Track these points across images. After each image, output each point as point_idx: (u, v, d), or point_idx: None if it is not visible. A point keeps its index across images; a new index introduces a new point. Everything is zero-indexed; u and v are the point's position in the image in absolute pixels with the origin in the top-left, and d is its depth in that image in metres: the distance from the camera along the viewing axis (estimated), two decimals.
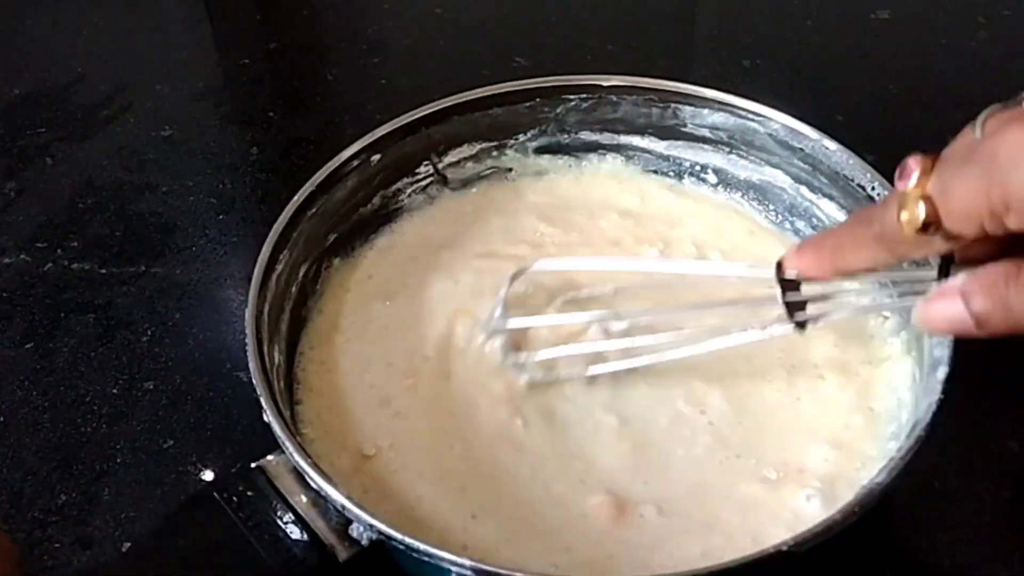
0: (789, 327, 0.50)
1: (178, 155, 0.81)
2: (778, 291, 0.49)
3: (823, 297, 0.50)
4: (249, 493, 0.48)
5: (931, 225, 0.40)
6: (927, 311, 0.44)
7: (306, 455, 0.47)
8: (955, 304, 0.42)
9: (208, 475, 0.59)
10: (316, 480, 0.46)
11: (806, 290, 0.49)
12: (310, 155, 0.80)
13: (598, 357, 0.56)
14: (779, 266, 0.49)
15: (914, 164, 0.41)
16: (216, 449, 0.60)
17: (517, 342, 0.57)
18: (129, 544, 0.56)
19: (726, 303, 0.55)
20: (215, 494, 0.47)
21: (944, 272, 0.44)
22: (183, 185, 0.78)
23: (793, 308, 0.49)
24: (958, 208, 0.39)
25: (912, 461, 0.46)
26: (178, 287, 0.70)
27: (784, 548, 0.43)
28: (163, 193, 0.77)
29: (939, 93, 0.83)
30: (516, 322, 0.56)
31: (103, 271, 0.72)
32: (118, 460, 0.60)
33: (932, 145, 0.42)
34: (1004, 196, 0.37)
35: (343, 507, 0.46)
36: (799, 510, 0.51)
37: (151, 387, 0.64)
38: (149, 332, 0.67)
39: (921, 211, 0.40)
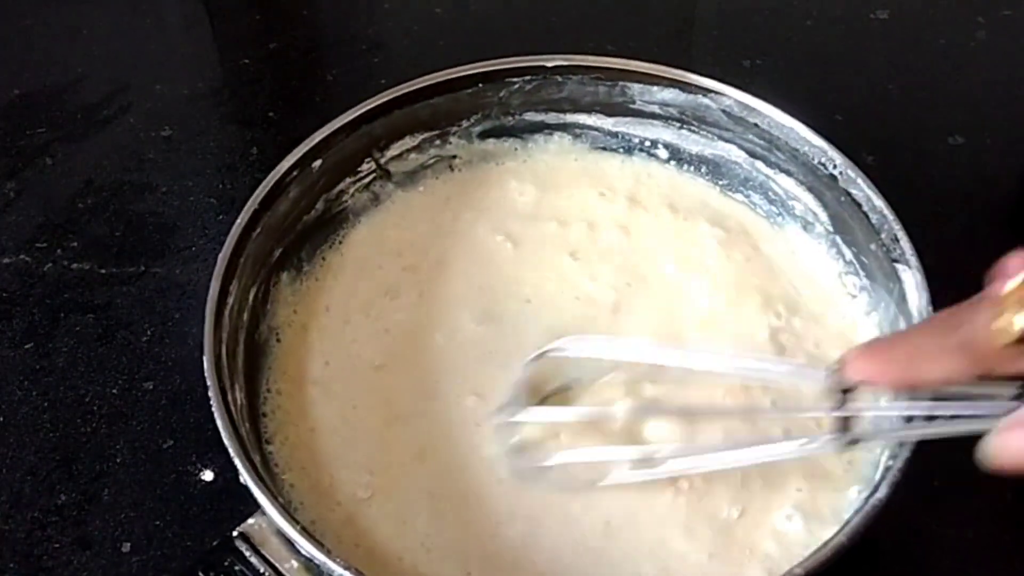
0: (839, 442, 0.45)
1: (178, 155, 0.81)
2: (833, 401, 0.44)
3: (872, 409, 0.45)
4: (236, 567, 0.45)
5: None
6: (1002, 442, 0.38)
7: (293, 520, 0.44)
8: None
9: (208, 475, 0.59)
10: (307, 548, 0.43)
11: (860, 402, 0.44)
12: None
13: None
14: (837, 369, 0.44)
15: (1019, 263, 0.35)
16: (216, 449, 0.60)
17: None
18: (129, 544, 0.56)
19: (769, 409, 0.51)
20: (200, 574, 0.45)
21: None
22: (183, 185, 0.78)
23: (845, 421, 0.44)
24: None
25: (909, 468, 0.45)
26: (178, 287, 0.70)
27: (798, 572, 0.42)
28: (163, 193, 0.77)
29: (939, 93, 0.83)
30: (528, 415, 0.51)
31: (103, 271, 0.72)
32: (118, 460, 0.60)
33: (932, 145, 0.41)
34: None
35: None
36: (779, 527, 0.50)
37: (151, 387, 0.64)
38: (149, 332, 0.67)
39: (1020, 320, 0.34)
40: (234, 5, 1.00)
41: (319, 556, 0.43)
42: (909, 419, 0.44)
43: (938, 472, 0.56)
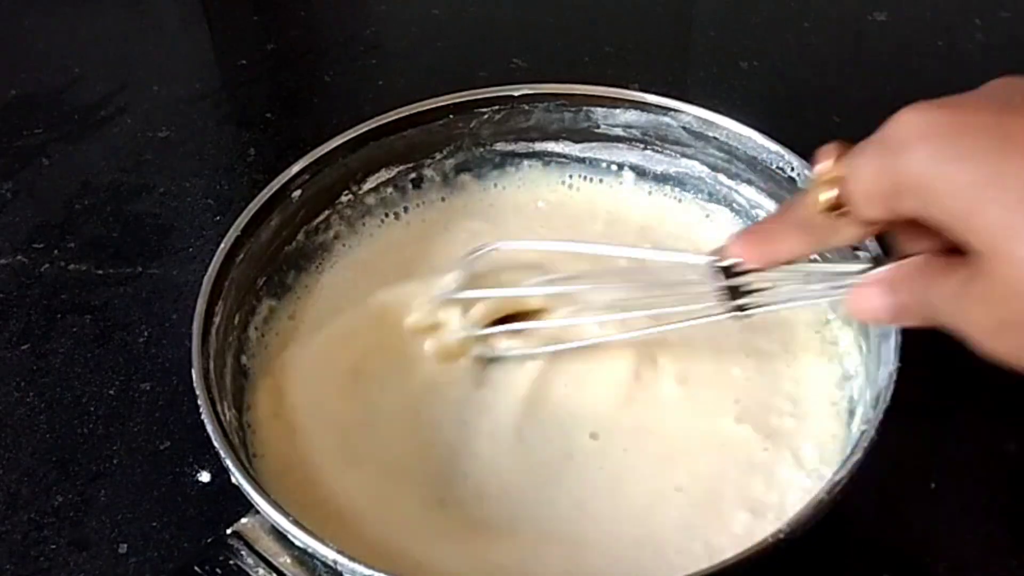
0: (727, 312, 0.50)
1: (175, 156, 0.81)
2: (712, 276, 0.49)
3: (761, 288, 0.50)
4: (231, 562, 0.46)
5: (840, 207, 0.41)
6: (854, 299, 0.45)
7: (284, 512, 0.45)
8: (879, 294, 0.43)
9: (205, 476, 0.59)
10: (300, 537, 0.44)
11: (747, 279, 0.49)
12: None
13: (540, 338, 0.57)
14: (719, 254, 0.49)
15: (828, 149, 0.42)
16: (213, 450, 0.60)
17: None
18: (126, 545, 0.56)
19: (674, 285, 0.55)
20: (196, 568, 0.46)
21: (877, 264, 0.45)
22: (180, 186, 0.78)
23: (733, 295, 0.50)
24: (860, 190, 0.40)
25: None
26: (175, 288, 0.70)
27: (781, 535, 0.43)
28: (160, 194, 0.77)
29: (936, 95, 0.83)
30: (466, 293, 0.57)
31: (100, 272, 0.72)
32: (115, 461, 0.60)
33: None
34: (894, 178, 0.38)
35: (335, 562, 0.43)
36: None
37: (148, 388, 0.64)
38: (146, 333, 0.67)
39: (829, 193, 0.41)
40: (232, 6, 1.00)
41: (312, 543, 0.44)
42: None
43: (936, 473, 0.57)
